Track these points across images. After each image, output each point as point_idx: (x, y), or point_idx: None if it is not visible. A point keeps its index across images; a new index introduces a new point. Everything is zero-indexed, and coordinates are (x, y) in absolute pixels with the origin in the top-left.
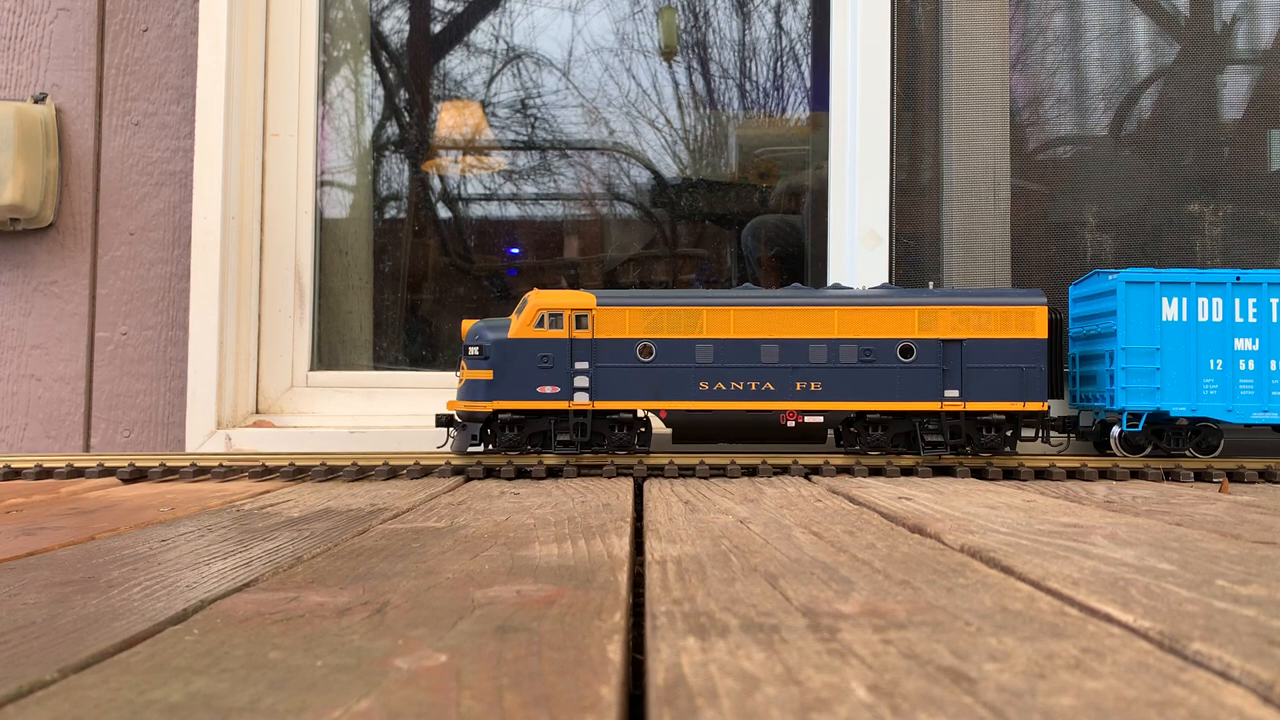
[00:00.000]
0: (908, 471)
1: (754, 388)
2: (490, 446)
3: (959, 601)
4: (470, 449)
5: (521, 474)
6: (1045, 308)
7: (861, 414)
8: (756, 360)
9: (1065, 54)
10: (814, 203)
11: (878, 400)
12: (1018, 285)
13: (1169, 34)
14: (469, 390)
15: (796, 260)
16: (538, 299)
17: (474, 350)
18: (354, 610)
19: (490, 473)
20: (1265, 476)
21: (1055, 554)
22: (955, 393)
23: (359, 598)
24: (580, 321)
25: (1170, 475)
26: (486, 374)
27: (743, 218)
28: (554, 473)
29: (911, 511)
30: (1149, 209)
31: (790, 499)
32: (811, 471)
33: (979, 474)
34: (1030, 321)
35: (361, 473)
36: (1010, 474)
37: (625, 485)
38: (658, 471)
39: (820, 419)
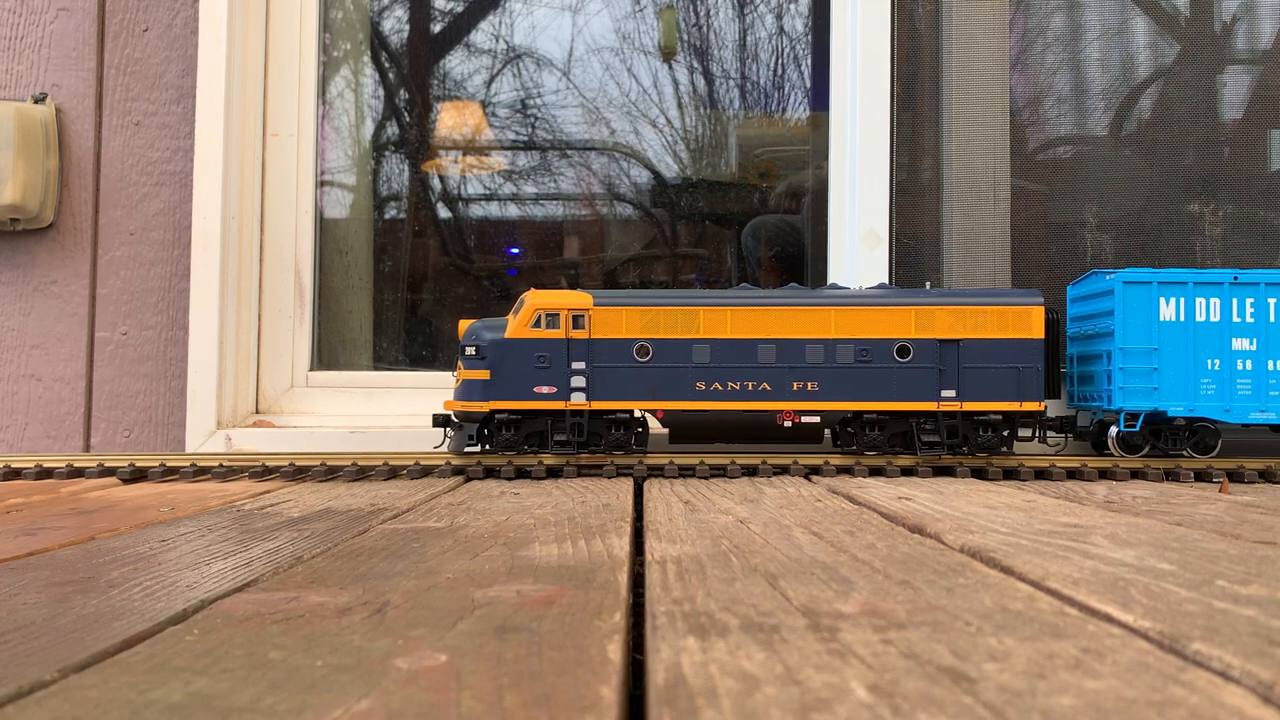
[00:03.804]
0: (908, 471)
1: (751, 388)
2: (487, 447)
3: (959, 601)
4: (467, 449)
5: (521, 474)
6: (1042, 308)
7: (858, 414)
8: (753, 360)
9: (1065, 54)
10: (814, 203)
11: (874, 400)
12: (1018, 285)
13: (1169, 34)
14: (466, 390)
15: (796, 260)
16: (535, 299)
17: (471, 350)
18: (354, 610)
19: (490, 473)
20: (1265, 476)
21: (1055, 554)
22: (952, 393)
23: (359, 598)
24: (577, 321)
25: (1170, 475)
26: (483, 374)
27: (743, 218)
28: (554, 473)
29: (911, 511)
30: (1149, 209)
31: (790, 499)
32: (811, 471)
33: (979, 474)
34: (1027, 321)
35: (361, 473)
36: (1010, 474)
37: (625, 485)
38: (658, 471)
39: (817, 419)
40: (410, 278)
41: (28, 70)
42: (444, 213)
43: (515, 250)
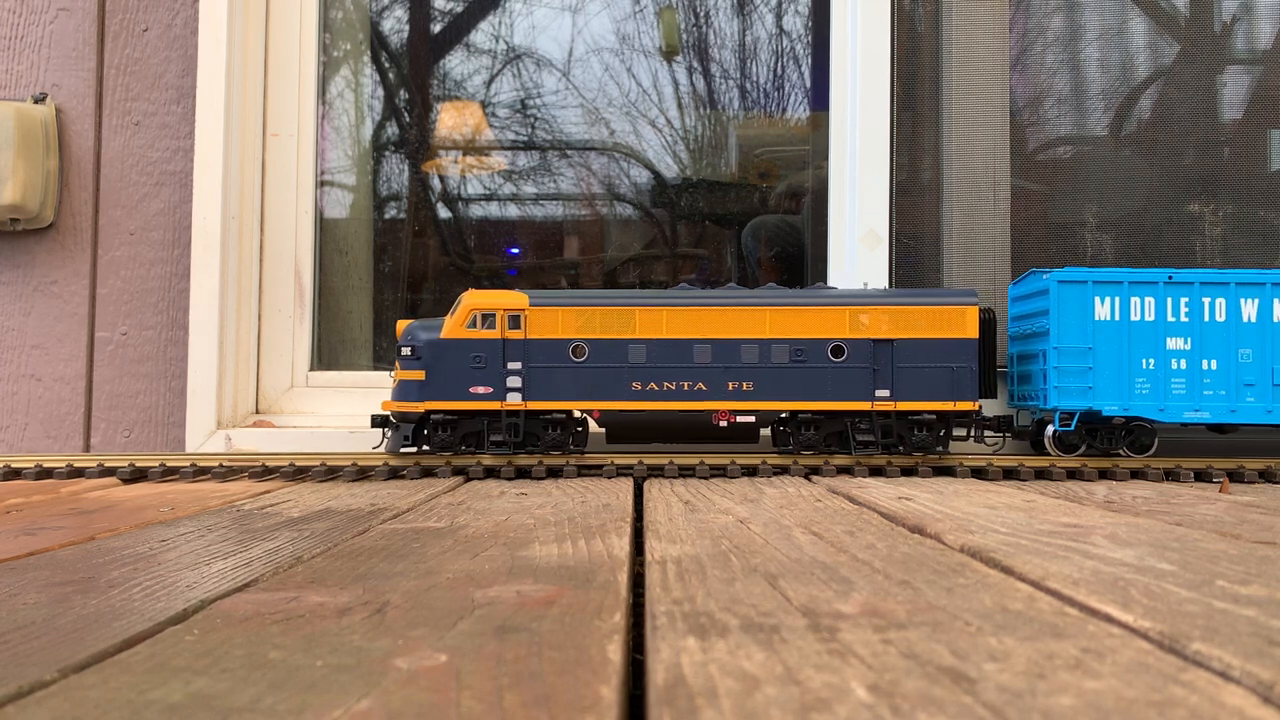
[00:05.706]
0: (908, 472)
1: (686, 388)
2: (425, 448)
3: (959, 601)
4: (404, 449)
5: (521, 474)
6: (976, 308)
7: (794, 414)
8: (689, 360)
9: (1065, 54)
10: (814, 203)
11: (809, 400)
12: None
13: (1169, 34)
14: (402, 391)
15: (797, 260)
16: (471, 299)
17: (406, 350)
18: (354, 610)
19: (490, 473)
20: (1265, 476)
21: (1055, 554)
22: (886, 392)
23: (359, 598)
24: (513, 321)
25: (1170, 475)
26: (419, 374)
27: (743, 218)
28: (554, 473)
29: (911, 511)
30: (1149, 209)
31: (790, 499)
32: (811, 471)
33: (979, 474)
34: (961, 321)
35: (361, 473)
36: (1010, 474)
37: (625, 485)
38: (658, 471)
39: (752, 419)
40: (410, 278)
41: (28, 70)
42: (444, 213)
43: (515, 250)
